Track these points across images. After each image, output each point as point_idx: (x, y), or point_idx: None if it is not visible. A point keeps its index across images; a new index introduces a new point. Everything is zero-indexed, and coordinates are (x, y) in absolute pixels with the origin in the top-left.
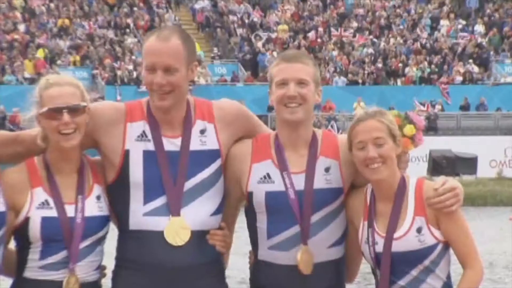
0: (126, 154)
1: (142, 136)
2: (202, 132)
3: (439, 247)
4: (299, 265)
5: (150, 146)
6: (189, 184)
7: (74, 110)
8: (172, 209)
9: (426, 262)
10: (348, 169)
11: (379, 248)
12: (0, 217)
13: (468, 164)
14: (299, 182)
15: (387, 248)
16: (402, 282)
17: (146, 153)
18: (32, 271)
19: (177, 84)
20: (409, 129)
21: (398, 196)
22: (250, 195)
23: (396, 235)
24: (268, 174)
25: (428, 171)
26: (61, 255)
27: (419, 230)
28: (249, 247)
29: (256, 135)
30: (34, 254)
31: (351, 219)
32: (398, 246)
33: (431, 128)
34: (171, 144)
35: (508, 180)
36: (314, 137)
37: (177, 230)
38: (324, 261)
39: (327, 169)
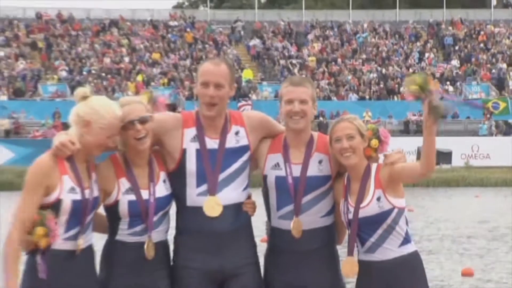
0: (184, 152)
1: (194, 138)
2: (237, 133)
3: (395, 210)
4: (292, 231)
5: (198, 146)
6: (224, 172)
7: (143, 121)
8: (210, 191)
9: (388, 222)
10: (335, 161)
11: (351, 215)
12: (97, 200)
13: (445, 156)
14: (296, 171)
15: (355, 215)
16: (372, 239)
17: (198, 151)
18: (122, 236)
19: (222, 97)
20: (374, 143)
21: (364, 177)
22: (265, 177)
23: (362, 204)
24: (277, 163)
25: (416, 161)
26: (142, 226)
27: (378, 199)
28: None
29: (273, 135)
30: (123, 225)
31: (336, 196)
32: (364, 212)
33: (419, 131)
34: (212, 144)
35: (474, 168)
36: (311, 138)
37: (213, 206)
38: (317, 227)
39: (320, 161)
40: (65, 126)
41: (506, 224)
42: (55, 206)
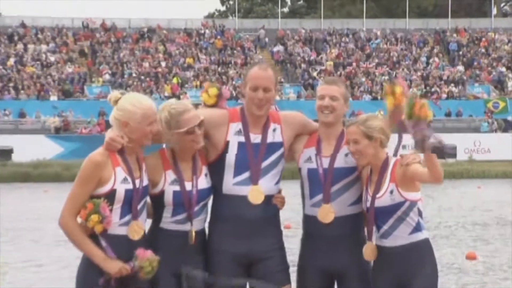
0: (227, 144)
1: (239, 132)
2: (274, 130)
3: (407, 203)
4: (318, 217)
5: (242, 139)
6: (264, 164)
7: (200, 125)
8: (253, 180)
9: (398, 213)
10: None
11: (368, 204)
12: (146, 188)
13: (450, 151)
14: (326, 163)
15: (372, 204)
16: (385, 226)
17: (239, 144)
18: (166, 224)
19: (269, 99)
20: (398, 89)
21: (381, 170)
22: (299, 170)
23: (378, 195)
24: (310, 157)
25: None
26: (184, 215)
27: (391, 192)
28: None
29: (309, 132)
30: (167, 213)
31: (362, 186)
32: (378, 202)
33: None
34: (255, 138)
35: (476, 162)
36: (342, 133)
37: (256, 194)
38: (346, 215)
39: (346, 154)
40: (108, 124)
41: (507, 213)
42: (110, 196)
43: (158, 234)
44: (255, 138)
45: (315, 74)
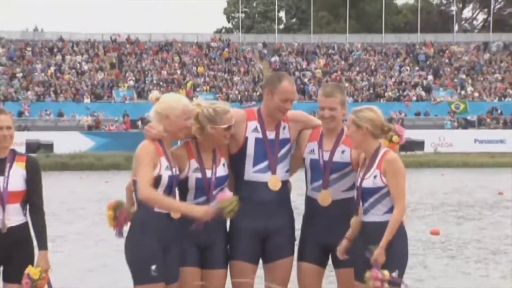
0: (246, 139)
1: (255, 129)
2: (284, 128)
3: (385, 189)
4: (318, 200)
5: (259, 135)
6: (279, 155)
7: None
8: (272, 169)
9: (377, 196)
10: (355, 152)
11: (357, 183)
12: (179, 175)
13: (419, 144)
14: (326, 156)
15: (360, 183)
16: (366, 204)
17: (256, 139)
18: None
19: (287, 108)
20: (395, 138)
21: (372, 157)
22: (304, 159)
23: (365, 177)
24: (313, 149)
25: (399, 148)
26: (204, 197)
27: (375, 177)
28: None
29: (313, 127)
30: (190, 196)
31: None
32: (364, 183)
33: (400, 124)
34: (270, 134)
35: (440, 153)
36: (341, 131)
37: (275, 182)
38: (340, 199)
39: (343, 151)
40: (132, 123)
41: (466, 196)
42: (157, 180)
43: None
44: (270, 134)
45: (306, 80)
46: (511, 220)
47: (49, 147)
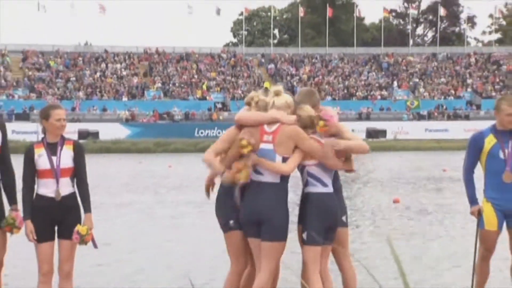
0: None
1: None
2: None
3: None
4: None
5: None
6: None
7: None
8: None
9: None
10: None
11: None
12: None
13: (382, 133)
14: None
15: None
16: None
17: None
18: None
19: None
20: (321, 123)
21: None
22: None
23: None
24: None
25: (366, 136)
26: None
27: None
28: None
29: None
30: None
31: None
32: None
33: (368, 117)
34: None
35: (399, 140)
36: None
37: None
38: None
39: None
40: (160, 116)
41: (419, 172)
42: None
43: (226, 190)
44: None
45: (295, 83)
46: (451, 189)
47: (95, 135)
